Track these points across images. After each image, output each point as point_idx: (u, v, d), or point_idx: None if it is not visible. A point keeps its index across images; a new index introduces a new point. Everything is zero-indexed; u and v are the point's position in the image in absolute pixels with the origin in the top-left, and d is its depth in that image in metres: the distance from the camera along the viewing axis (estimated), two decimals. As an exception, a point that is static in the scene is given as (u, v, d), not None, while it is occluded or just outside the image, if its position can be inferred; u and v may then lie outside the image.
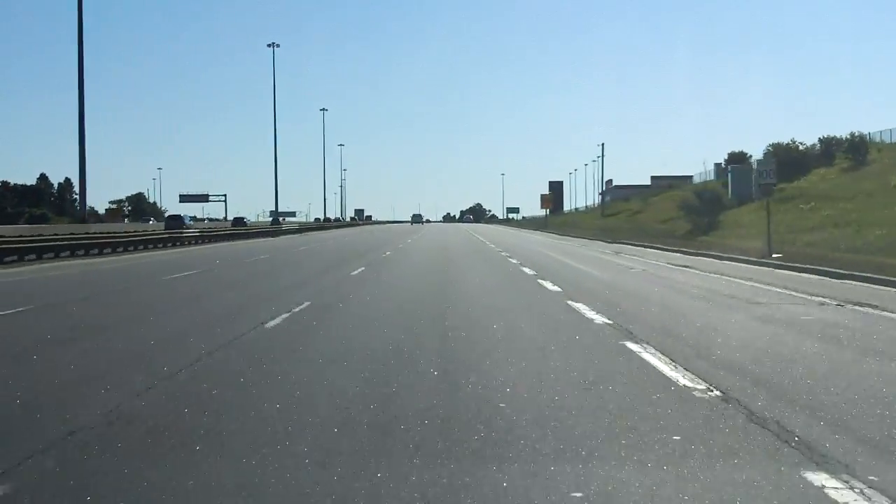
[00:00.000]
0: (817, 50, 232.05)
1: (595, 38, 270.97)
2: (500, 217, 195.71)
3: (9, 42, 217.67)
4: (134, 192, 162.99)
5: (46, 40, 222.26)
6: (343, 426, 5.52)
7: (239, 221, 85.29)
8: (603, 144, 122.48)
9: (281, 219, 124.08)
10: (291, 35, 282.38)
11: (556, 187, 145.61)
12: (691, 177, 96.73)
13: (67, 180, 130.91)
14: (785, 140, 54.90)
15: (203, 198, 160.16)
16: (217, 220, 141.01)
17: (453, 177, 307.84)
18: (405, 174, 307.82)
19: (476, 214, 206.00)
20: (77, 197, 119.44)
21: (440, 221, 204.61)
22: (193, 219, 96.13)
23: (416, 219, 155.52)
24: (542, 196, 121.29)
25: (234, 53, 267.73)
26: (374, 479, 4.42)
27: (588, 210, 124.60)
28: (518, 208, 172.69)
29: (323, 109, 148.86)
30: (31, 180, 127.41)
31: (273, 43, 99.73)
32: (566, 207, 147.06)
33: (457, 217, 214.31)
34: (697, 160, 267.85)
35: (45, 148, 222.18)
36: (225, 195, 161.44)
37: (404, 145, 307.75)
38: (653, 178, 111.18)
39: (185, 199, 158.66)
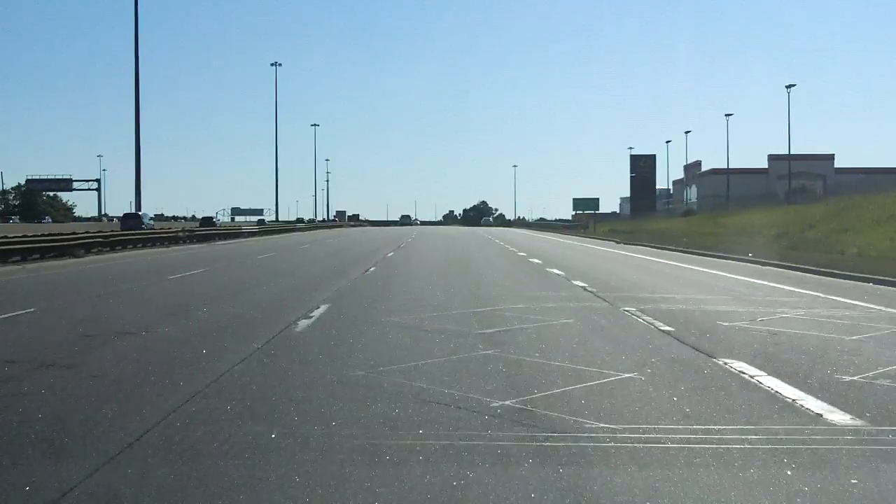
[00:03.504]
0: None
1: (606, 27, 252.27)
2: (510, 217, 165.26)
3: None
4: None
5: None
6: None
7: (208, 221, 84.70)
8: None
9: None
10: (277, 24, 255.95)
11: (644, 165, 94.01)
12: (832, 156, 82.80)
13: None
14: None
15: (64, 184, 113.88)
16: (186, 218, 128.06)
17: (451, 172, 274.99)
18: (399, 171, 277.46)
19: (481, 213, 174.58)
20: None
21: (439, 223, 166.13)
22: (161, 217, 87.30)
23: (406, 220, 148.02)
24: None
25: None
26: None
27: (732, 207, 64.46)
28: (597, 199, 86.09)
29: (275, 64, 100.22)
30: None
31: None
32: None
33: (460, 216, 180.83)
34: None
35: None
36: (98, 180, 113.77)
37: (398, 140, 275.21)
38: (771, 157, 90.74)
39: (33, 182, 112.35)
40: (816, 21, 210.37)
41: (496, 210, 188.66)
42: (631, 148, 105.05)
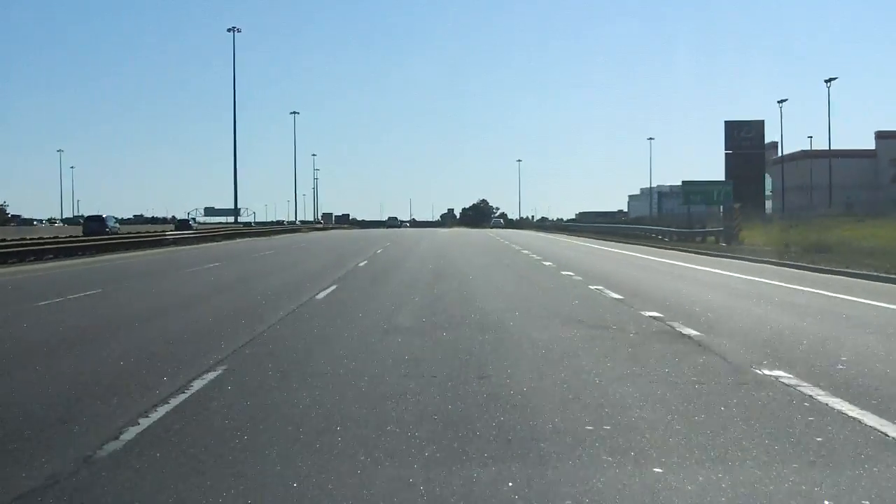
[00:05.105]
0: None
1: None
2: (512, 217, 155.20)
3: None
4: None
5: None
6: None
7: (184, 224, 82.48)
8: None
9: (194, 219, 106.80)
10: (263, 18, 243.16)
11: (748, 136, 70.48)
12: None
13: None
14: None
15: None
16: (166, 219, 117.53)
17: (449, 170, 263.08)
18: (395, 170, 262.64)
19: (481, 213, 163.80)
20: None
21: (437, 223, 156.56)
22: (141, 218, 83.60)
23: (392, 221, 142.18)
24: None
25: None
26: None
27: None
28: (730, 185, 49.95)
29: (232, 29, 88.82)
30: None
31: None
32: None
33: (458, 216, 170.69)
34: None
35: None
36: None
37: (394, 139, 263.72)
38: (880, 135, 78.22)
39: None
40: None
41: (497, 209, 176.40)
42: (651, 138, 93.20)
